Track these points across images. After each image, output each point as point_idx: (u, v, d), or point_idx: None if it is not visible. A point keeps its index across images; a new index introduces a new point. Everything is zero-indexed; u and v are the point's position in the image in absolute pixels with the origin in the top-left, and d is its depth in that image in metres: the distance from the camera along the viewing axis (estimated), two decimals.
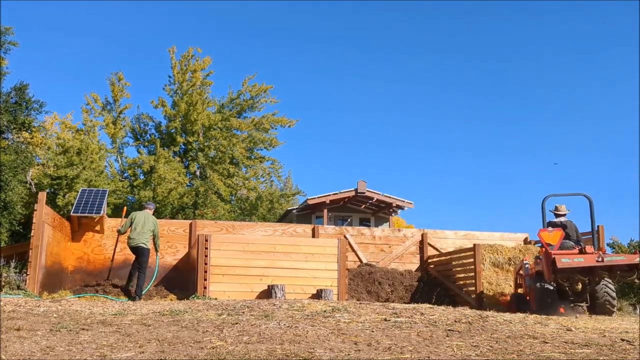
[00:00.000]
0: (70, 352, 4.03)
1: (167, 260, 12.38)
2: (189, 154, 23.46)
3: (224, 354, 4.06)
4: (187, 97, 22.46)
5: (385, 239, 13.47)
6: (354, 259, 12.90)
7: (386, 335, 5.20)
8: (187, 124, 22.57)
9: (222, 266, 10.23)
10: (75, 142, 20.31)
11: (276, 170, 24.81)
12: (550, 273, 8.89)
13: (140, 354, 4.02)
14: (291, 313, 6.69)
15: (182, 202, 21.44)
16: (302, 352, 4.14)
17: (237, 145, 22.65)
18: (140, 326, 5.44)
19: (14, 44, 17.67)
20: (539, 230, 9.34)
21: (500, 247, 12.48)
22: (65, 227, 11.75)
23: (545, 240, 9.08)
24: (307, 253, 10.63)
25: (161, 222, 12.89)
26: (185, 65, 23.01)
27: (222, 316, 6.37)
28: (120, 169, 23.67)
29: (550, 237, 9.08)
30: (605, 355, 4.33)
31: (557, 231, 9.19)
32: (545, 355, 4.32)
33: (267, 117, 23.65)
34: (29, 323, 5.40)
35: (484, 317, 6.77)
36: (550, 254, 8.82)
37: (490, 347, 4.62)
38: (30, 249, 9.83)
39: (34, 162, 19.20)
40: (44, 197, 10.25)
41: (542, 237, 9.13)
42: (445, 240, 13.65)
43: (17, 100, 17.35)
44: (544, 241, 9.12)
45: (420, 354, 4.25)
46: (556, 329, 6.08)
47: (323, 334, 5.09)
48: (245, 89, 23.67)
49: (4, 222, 15.51)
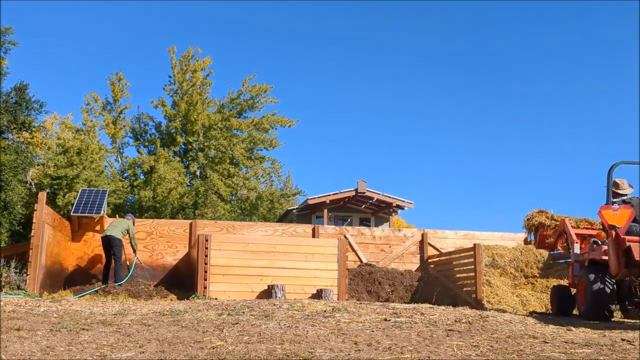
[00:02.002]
0: (71, 352, 4.03)
1: (167, 260, 12.38)
2: (189, 154, 23.46)
3: (224, 353, 4.06)
4: (187, 97, 22.47)
5: (386, 238, 13.46)
6: (354, 259, 12.90)
7: (386, 335, 5.20)
8: (187, 124, 22.57)
9: (222, 266, 10.23)
10: (76, 142, 20.31)
11: (276, 170, 24.84)
12: (621, 267, 6.72)
13: (140, 354, 4.02)
14: (291, 313, 6.69)
15: (182, 202, 21.44)
16: (302, 352, 4.14)
17: (237, 146, 22.66)
18: (140, 326, 5.44)
19: (14, 44, 17.69)
20: (600, 207, 7.27)
21: (501, 248, 12.49)
22: (65, 227, 11.75)
23: (609, 221, 6.97)
24: (307, 253, 10.63)
25: (161, 222, 12.91)
26: (186, 65, 23.02)
27: (222, 316, 6.37)
28: (120, 169, 23.69)
29: (615, 217, 6.96)
30: (606, 355, 4.33)
31: (624, 209, 7.09)
32: (545, 355, 4.32)
33: (267, 117, 23.66)
34: (29, 323, 5.39)
35: (484, 317, 6.77)
36: (624, 241, 6.69)
37: (491, 347, 4.62)
38: (31, 249, 9.83)
39: (34, 162, 19.21)
40: (44, 197, 10.25)
41: (605, 216, 7.07)
42: (446, 240, 13.64)
43: (17, 100, 17.37)
44: (606, 222, 7.06)
45: (420, 353, 4.25)
46: (556, 329, 6.09)
47: (323, 334, 5.09)
48: (246, 89, 23.67)
49: (4, 222, 15.51)
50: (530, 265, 12.11)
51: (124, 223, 11.56)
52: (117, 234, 11.19)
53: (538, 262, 12.17)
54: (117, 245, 11.11)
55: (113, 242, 11.08)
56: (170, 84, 23.30)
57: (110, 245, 11.10)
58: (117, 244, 11.12)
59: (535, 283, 11.77)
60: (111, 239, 11.10)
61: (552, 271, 12.02)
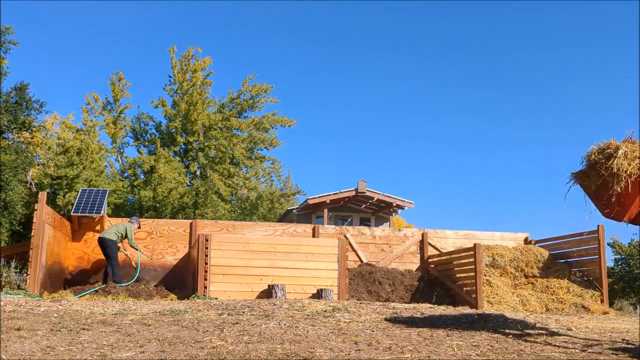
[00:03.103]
0: (71, 352, 4.03)
1: (168, 260, 12.39)
2: (189, 153, 23.46)
3: (224, 353, 4.06)
4: (187, 97, 22.47)
5: (386, 238, 13.47)
6: (354, 259, 12.90)
7: (386, 335, 5.20)
8: (188, 123, 22.57)
9: (222, 266, 10.24)
10: (76, 142, 20.31)
11: (276, 170, 24.83)
12: None
13: (140, 353, 4.02)
14: (291, 313, 6.69)
15: (182, 201, 21.45)
16: (303, 352, 4.14)
17: (238, 145, 22.65)
18: (140, 326, 5.45)
19: (14, 44, 17.70)
20: None
21: (501, 247, 12.49)
22: (65, 227, 11.76)
23: None
24: (307, 253, 10.63)
25: (161, 222, 12.91)
26: (186, 65, 23.02)
27: (222, 316, 6.38)
28: (121, 169, 23.68)
29: None
30: (606, 355, 4.33)
31: None
32: (545, 355, 4.32)
33: (267, 117, 23.66)
34: (29, 323, 5.40)
35: (484, 316, 6.77)
36: None
37: (491, 347, 4.62)
38: (31, 249, 9.83)
39: (34, 162, 19.21)
40: (44, 197, 10.25)
41: None
42: (446, 239, 13.64)
43: (18, 100, 17.37)
44: None
45: (420, 353, 4.26)
46: (557, 329, 6.09)
47: (323, 334, 5.10)
48: (246, 88, 23.67)
49: (4, 222, 15.52)
50: (531, 265, 12.11)
51: (120, 226, 11.55)
52: (110, 235, 11.18)
53: (538, 262, 12.18)
54: (110, 247, 11.10)
55: (105, 243, 11.10)
56: (171, 84, 23.31)
57: (103, 246, 11.14)
58: (109, 244, 11.11)
59: (535, 283, 11.77)
60: (103, 241, 11.11)
61: (552, 271, 12.03)
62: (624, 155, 5.02)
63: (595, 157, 5.20)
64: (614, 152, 5.07)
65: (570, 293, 11.28)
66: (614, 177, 5.00)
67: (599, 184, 5.16)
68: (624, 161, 5.00)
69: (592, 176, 5.22)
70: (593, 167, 5.21)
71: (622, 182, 4.97)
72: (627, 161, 5.00)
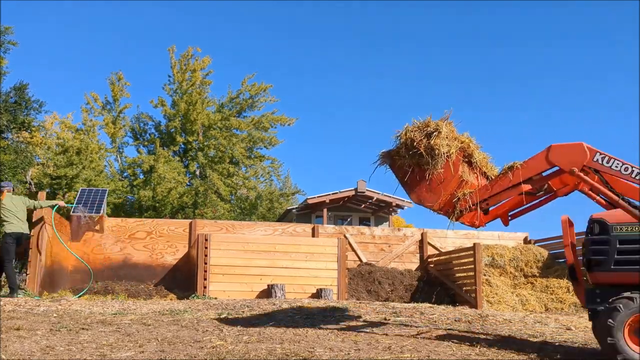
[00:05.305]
0: (70, 352, 4.03)
1: (167, 260, 12.36)
2: (189, 153, 23.45)
3: (223, 353, 4.06)
4: (186, 97, 22.45)
5: (385, 238, 13.45)
6: (354, 259, 12.89)
7: (386, 334, 5.20)
8: (187, 123, 22.56)
9: (222, 266, 10.23)
10: (75, 141, 20.30)
11: (276, 170, 24.81)
12: None
13: (140, 353, 4.02)
14: (291, 312, 6.69)
15: (181, 201, 21.44)
16: (302, 352, 4.14)
17: (237, 145, 22.64)
18: (140, 326, 5.44)
19: (13, 44, 17.72)
20: None
21: (500, 247, 12.49)
22: (65, 226, 11.74)
23: None
24: (307, 252, 10.63)
25: (160, 222, 12.87)
26: (185, 65, 23.00)
27: (222, 315, 6.38)
28: (120, 169, 23.67)
29: None
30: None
31: None
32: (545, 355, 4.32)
33: (267, 116, 23.63)
34: (29, 323, 5.39)
35: (483, 316, 6.77)
36: None
37: (491, 347, 4.62)
38: (30, 249, 9.82)
39: (33, 161, 19.21)
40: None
41: None
42: (445, 239, 13.63)
43: (17, 100, 17.37)
44: None
45: (420, 353, 4.25)
46: (556, 329, 6.09)
47: (323, 333, 5.09)
48: (245, 88, 23.65)
49: None
50: (530, 264, 12.11)
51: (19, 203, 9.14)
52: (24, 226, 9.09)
53: (538, 262, 12.17)
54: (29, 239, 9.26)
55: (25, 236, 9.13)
56: (170, 84, 23.30)
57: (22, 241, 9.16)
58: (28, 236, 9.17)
59: (535, 282, 11.77)
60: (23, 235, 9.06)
61: (552, 271, 12.02)
62: (445, 135, 4.69)
63: (412, 135, 4.76)
64: (434, 130, 4.71)
65: (569, 293, 11.27)
66: (433, 158, 4.66)
67: (412, 165, 4.81)
68: (444, 141, 4.67)
69: (407, 156, 4.81)
70: (409, 146, 4.80)
71: (441, 164, 4.65)
72: (448, 141, 4.69)
